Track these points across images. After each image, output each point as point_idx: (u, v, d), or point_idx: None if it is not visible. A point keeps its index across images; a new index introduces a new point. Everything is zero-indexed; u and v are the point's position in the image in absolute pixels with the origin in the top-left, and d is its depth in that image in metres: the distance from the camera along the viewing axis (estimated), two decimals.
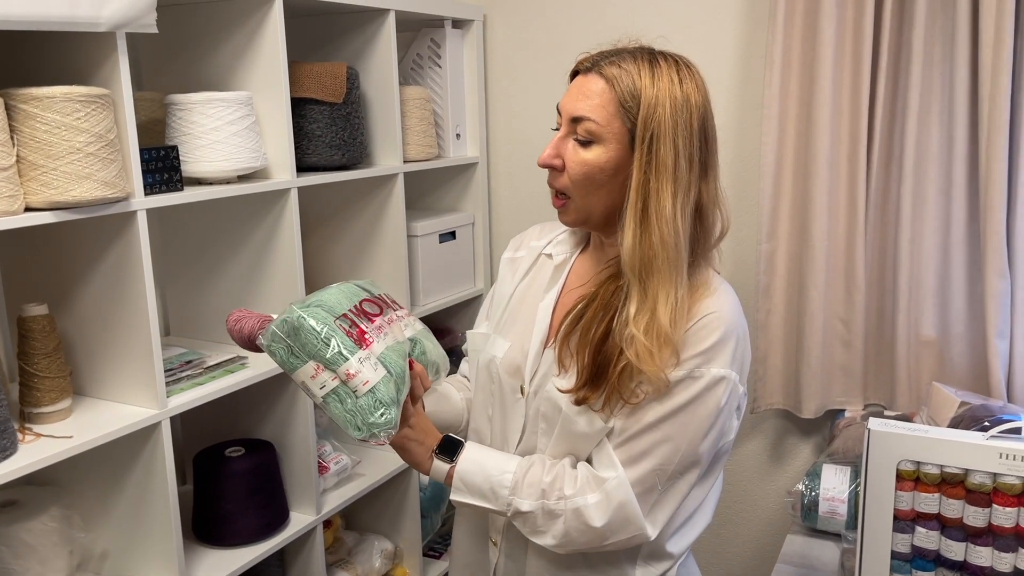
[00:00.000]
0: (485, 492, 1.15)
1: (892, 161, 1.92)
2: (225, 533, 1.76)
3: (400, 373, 1.11)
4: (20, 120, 1.28)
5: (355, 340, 1.08)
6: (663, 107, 1.08)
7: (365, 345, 1.08)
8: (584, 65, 1.15)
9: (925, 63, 1.83)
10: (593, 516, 1.11)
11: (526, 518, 1.15)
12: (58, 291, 1.56)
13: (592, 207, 1.15)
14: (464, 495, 1.17)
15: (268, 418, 1.89)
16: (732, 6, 2.10)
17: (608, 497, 1.11)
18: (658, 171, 1.07)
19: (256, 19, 1.68)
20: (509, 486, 1.14)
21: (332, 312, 1.10)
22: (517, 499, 1.14)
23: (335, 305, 1.11)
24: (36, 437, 1.41)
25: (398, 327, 1.17)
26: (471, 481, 1.16)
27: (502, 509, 1.16)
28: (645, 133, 1.08)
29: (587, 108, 1.11)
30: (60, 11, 1.26)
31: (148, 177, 1.47)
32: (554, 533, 1.14)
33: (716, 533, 2.35)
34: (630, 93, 1.09)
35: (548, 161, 1.14)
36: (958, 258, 1.87)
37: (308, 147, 1.85)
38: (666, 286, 1.08)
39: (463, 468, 1.16)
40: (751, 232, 2.14)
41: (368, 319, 1.13)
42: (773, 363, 2.06)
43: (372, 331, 1.11)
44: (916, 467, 1.45)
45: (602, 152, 1.11)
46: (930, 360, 1.92)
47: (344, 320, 1.10)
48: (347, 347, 1.06)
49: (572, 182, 1.13)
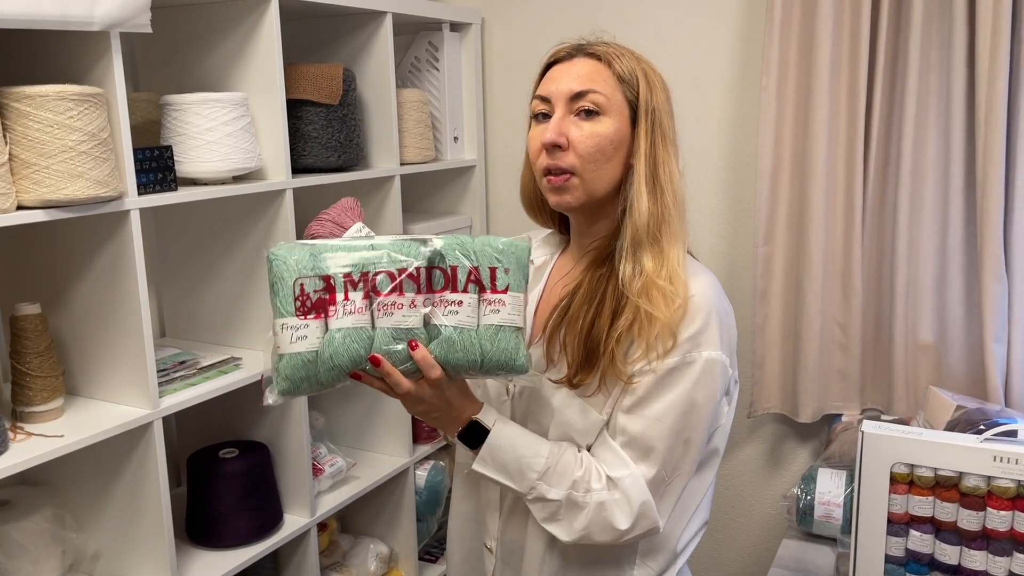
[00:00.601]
0: (511, 471, 1.12)
1: (889, 165, 1.92)
2: (218, 535, 1.76)
3: (352, 355, 1.02)
4: (12, 118, 1.28)
5: (298, 307, 1.01)
6: (655, 84, 1.16)
7: (307, 315, 1.01)
8: (565, 52, 1.18)
9: (922, 67, 1.83)
10: (617, 516, 1.11)
11: (547, 505, 1.13)
12: (51, 290, 1.56)
13: (597, 182, 1.15)
14: (487, 467, 1.13)
15: (262, 419, 1.89)
16: (728, 10, 2.10)
17: (627, 497, 1.11)
18: (664, 140, 1.15)
19: (252, 20, 1.68)
20: (539, 470, 1.12)
21: (305, 268, 1.02)
22: (544, 485, 1.12)
23: (326, 262, 1.03)
24: (27, 436, 1.40)
25: (413, 311, 1.04)
26: (499, 457, 1.12)
27: (523, 490, 1.13)
28: (648, 106, 1.14)
29: (588, 82, 1.13)
30: (53, 10, 1.27)
31: (142, 177, 1.47)
32: (574, 525, 1.12)
33: (712, 537, 2.34)
34: (628, 70, 1.15)
35: (555, 139, 1.12)
36: (955, 262, 1.86)
37: (304, 148, 1.85)
38: (675, 244, 1.14)
39: (494, 442, 1.12)
40: (748, 236, 2.14)
41: (357, 289, 1.03)
42: (770, 367, 2.06)
43: (348, 304, 1.02)
44: (910, 470, 1.44)
45: (610, 123, 1.13)
46: (927, 364, 1.92)
47: (315, 281, 1.02)
48: (282, 309, 1.02)
49: (581, 157, 1.13)
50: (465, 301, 1.05)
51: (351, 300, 1.02)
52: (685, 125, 2.15)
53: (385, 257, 1.03)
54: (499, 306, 1.06)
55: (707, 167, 2.18)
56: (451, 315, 1.05)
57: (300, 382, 1.03)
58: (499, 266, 1.06)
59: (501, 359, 1.06)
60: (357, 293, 1.03)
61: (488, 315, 1.06)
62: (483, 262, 1.06)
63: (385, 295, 1.03)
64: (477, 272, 1.06)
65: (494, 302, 1.06)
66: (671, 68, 2.18)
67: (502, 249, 1.07)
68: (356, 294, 1.03)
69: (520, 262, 1.07)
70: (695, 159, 2.18)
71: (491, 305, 1.06)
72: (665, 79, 1.20)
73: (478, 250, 1.06)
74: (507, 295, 1.06)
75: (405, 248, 1.05)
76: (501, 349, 1.06)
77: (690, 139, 2.18)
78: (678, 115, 2.04)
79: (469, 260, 1.05)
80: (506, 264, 1.06)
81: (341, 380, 1.05)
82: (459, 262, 1.05)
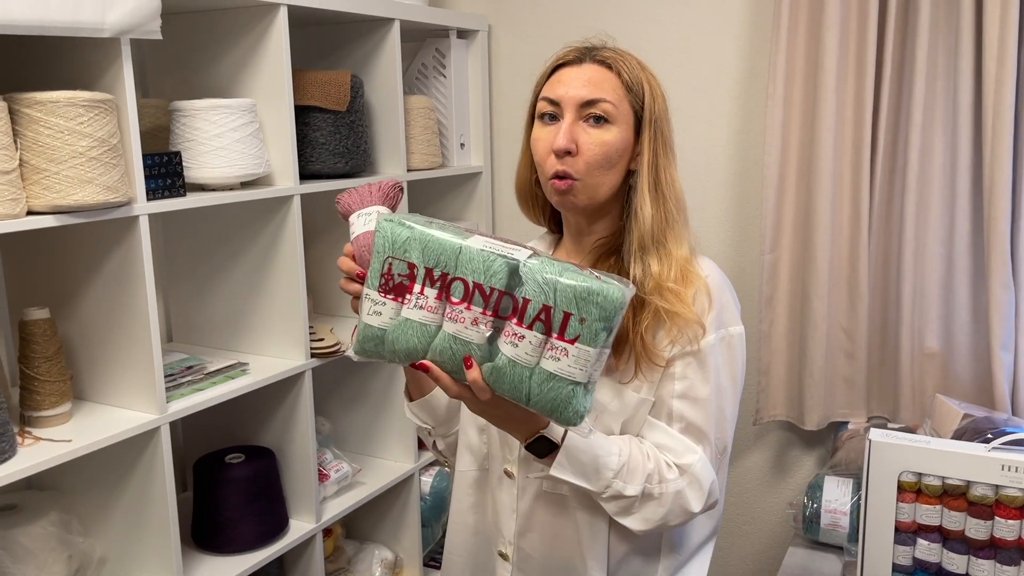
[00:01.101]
0: (588, 472, 1.12)
1: (896, 172, 1.92)
2: (224, 540, 1.76)
3: (409, 347, 1.03)
4: (24, 124, 1.29)
5: (382, 284, 1.03)
6: (657, 93, 1.19)
7: (387, 294, 1.03)
8: (573, 56, 1.19)
9: (929, 74, 1.83)
10: (691, 501, 1.16)
11: (622, 501, 1.14)
12: (60, 295, 1.57)
13: (601, 187, 1.18)
14: (565, 471, 1.12)
15: (268, 425, 1.89)
16: (735, 17, 2.10)
17: (699, 480, 1.16)
18: (665, 147, 1.19)
19: (261, 27, 1.69)
20: (615, 468, 1.12)
21: (399, 249, 1.02)
22: (620, 482, 1.13)
23: (417, 249, 1.02)
24: (35, 441, 1.41)
25: (476, 328, 1.01)
26: (577, 459, 1.12)
27: (598, 489, 1.13)
28: (652, 115, 1.17)
29: (599, 91, 1.15)
30: (64, 17, 1.27)
31: (151, 182, 1.48)
32: (649, 516, 1.15)
33: (717, 544, 2.32)
34: (635, 79, 1.17)
35: (567, 145, 1.14)
36: (962, 269, 1.86)
37: (311, 155, 1.86)
38: (681, 244, 1.19)
39: (571, 444, 1.11)
40: (754, 243, 2.14)
41: (434, 287, 1.01)
42: (776, 374, 2.06)
43: (421, 299, 1.01)
44: (918, 479, 1.44)
45: (616, 132, 1.16)
46: (934, 372, 1.91)
47: (402, 264, 1.02)
48: (371, 280, 1.05)
49: (588, 164, 1.15)
50: (527, 337, 0.99)
51: (425, 295, 1.02)
52: (692, 132, 2.18)
53: (467, 264, 1.00)
54: (560, 355, 0.98)
55: (713, 174, 2.18)
56: (510, 346, 1.00)
57: (369, 352, 1.06)
58: (575, 314, 0.97)
59: (547, 407, 1.01)
60: (432, 290, 1.01)
61: (547, 360, 0.99)
62: (559, 304, 0.97)
63: (455, 303, 1.01)
64: (549, 313, 0.98)
65: (556, 349, 0.98)
66: (678, 75, 2.20)
67: (586, 296, 0.97)
68: (431, 291, 1.02)
69: (604, 314, 0.97)
70: (702, 166, 2.19)
71: (553, 351, 0.98)
72: (666, 87, 1.23)
73: (560, 289, 0.97)
74: (573, 346, 0.97)
75: (489, 262, 0.99)
76: (549, 399, 1.00)
77: (697, 146, 2.18)
78: (686, 122, 2.05)
79: (545, 298, 0.98)
80: (583, 314, 0.97)
81: (403, 363, 1.07)
82: (534, 297, 0.98)
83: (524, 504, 1.25)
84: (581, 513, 1.21)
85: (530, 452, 1.12)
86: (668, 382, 1.17)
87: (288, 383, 1.82)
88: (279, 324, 1.82)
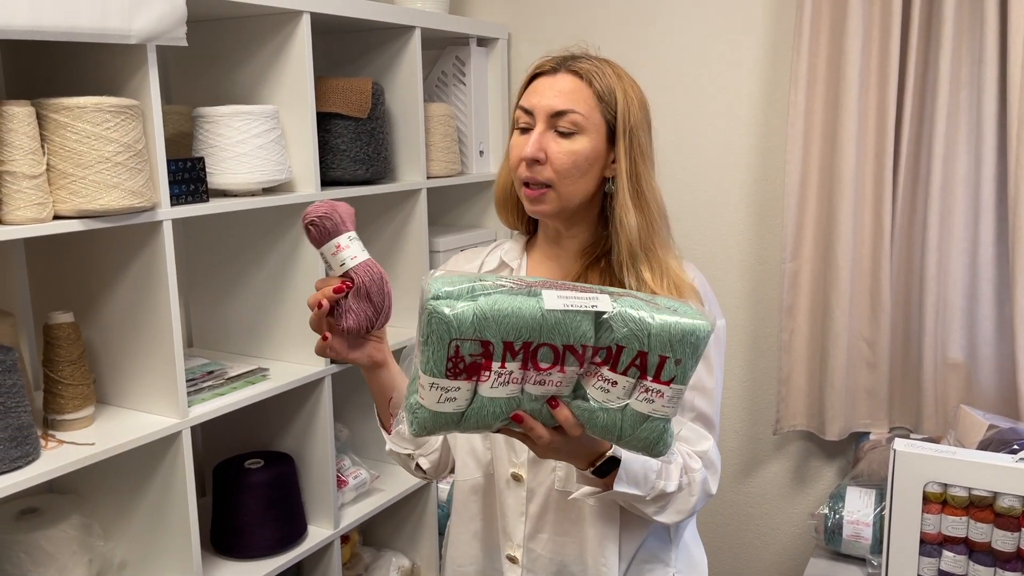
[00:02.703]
0: (639, 479, 1.14)
1: (919, 181, 1.91)
2: (243, 545, 1.76)
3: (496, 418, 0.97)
4: (51, 129, 1.30)
5: (449, 368, 0.93)
6: (633, 102, 1.20)
7: (458, 377, 0.94)
8: (549, 66, 1.22)
9: (952, 83, 1.82)
10: (712, 485, 1.21)
11: (662, 499, 1.17)
12: (84, 299, 1.58)
13: (572, 195, 1.20)
14: (625, 484, 1.13)
15: (288, 430, 1.89)
16: (757, 25, 2.10)
17: (714, 464, 1.22)
18: (643, 157, 1.20)
19: (284, 35, 1.70)
20: (656, 469, 1.15)
21: (466, 330, 0.91)
22: (663, 481, 1.15)
23: (489, 325, 0.91)
24: (59, 444, 1.41)
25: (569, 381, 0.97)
26: (632, 470, 1.13)
27: (644, 493, 1.15)
28: (626, 125, 1.19)
29: (569, 102, 1.17)
30: (91, 23, 1.29)
31: (175, 188, 1.49)
32: (681, 507, 1.18)
33: (736, 556, 2.32)
34: (607, 89, 1.18)
35: (535, 154, 1.17)
36: (986, 279, 1.85)
37: (332, 161, 1.86)
38: (668, 250, 1.23)
39: (627, 457, 1.12)
40: (774, 251, 2.13)
41: (516, 359, 0.93)
42: (796, 384, 2.04)
43: (504, 374, 0.94)
44: (943, 489, 1.42)
45: (586, 142, 1.18)
46: (957, 383, 1.89)
47: (474, 345, 0.91)
48: (432, 366, 0.93)
49: (557, 172, 1.18)
50: (620, 383, 0.95)
51: (507, 369, 0.93)
52: (711, 139, 2.17)
53: (553, 329, 0.92)
54: (656, 396, 0.95)
55: (733, 182, 2.17)
56: (600, 391, 0.96)
57: (436, 431, 0.98)
58: (671, 356, 0.93)
59: (638, 446, 0.99)
60: (515, 363, 0.93)
61: (640, 402, 0.96)
62: (655, 348, 0.93)
63: (544, 368, 0.94)
64: (644, 358, 0.94)
65: (651, 391, 0.95)
66: (698, 83, 2.20)
67: (681, 337, 0.93)
68: (513, 363, 0.93)
69: (696, 352, 0.94)
70: (721, 173, 2.18)
71: (646, 393, 0.95)
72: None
73: (654, 333, 0.93)
74: (669, 388, 0.95)
75: (576, 323, 0.92)
76: (641, 438, 0.97)
77: (716, 153, 2.18)
78: (704, 130, 2.05)
79: (640, 344, 0.93)
80: (679, 355, 0.94)
81: (480, 433, 1.04)
82: (627, 344, 0.93)
83: (535, 506, 1.25)
84: (591, 509, 1.22)
85: (595, 475, 1.12)
86: None
87: (307, 389, 1.82)
88: (299, 330, 1.82)
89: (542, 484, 1.24)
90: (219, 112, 1.62)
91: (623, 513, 1.22)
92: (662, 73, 2.19)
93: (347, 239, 1.07)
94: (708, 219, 2.21)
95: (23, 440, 1.32)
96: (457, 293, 0.92)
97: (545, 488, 1.24)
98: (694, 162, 2.20)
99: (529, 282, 0.95)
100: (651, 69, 2.19)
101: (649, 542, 1.26)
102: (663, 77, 2.19)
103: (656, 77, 2.18)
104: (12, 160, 1.26)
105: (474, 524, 1.33)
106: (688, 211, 2.21)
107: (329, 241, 1.06)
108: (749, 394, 2.23)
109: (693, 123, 2.18)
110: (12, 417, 1.31)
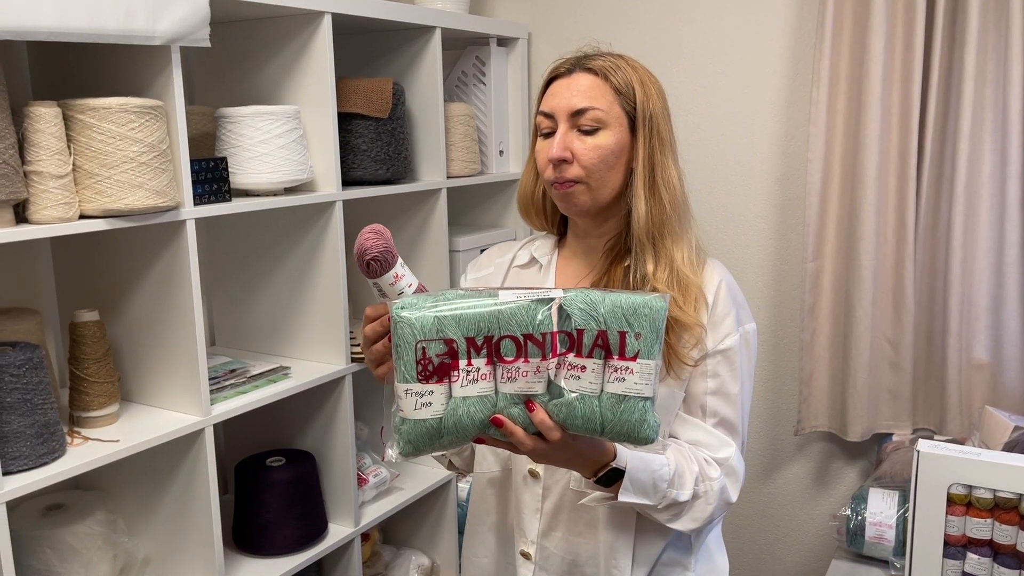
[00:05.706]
0: (648, 489, 1.14)
1: (943, 180, 1.89)
2: (264, 543, 1.77)
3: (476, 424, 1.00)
4: (77, 130, 1.32)
5: (419, 371, 0.97)
6: (651, 92, 1.20)
7: (429, 380, 0.98)
8: (564, 68, 1.23)
9: (977, 80, 1.80)
10: (731, 493, 1.20)
11: (675, 508, 1.16)
12: (109, 298, 1.59)
13: (603, 188, 1.20)
14: (630, 495, 1.14)
15: (309, 429, 1.90)
16: (779, 23, 2.09)
17: (735, 472, 1.20)
18: (662, 146, 1.20)
19: (305, 35, 1.71)
20: (668, 479, 1.15)
21: (429, 331, 0.96)
22: (674, 491, 1.15)
23: (449, 323, 0.97)
24: (84, 440, 1.43)
25: (538, 376, 1.00)
26: (639, 480, 1.13)
27: (655, 502, 1.15)
28: (645, 115, 1.19)
29: (588, 99, 1.18)
30: (117, 25, 1.30)
31: (198, 187, 1.50)
32: (697, 515, 1.18)
33: (758, 558, 2.30)
34: (625, 82, 1.19)
35: (561, 154, 1.18)
36: (1012, 279, 1.82)
37: (354, 161, 1.87)
38: (679, 243, 1.20)
39: (633, 466, 1.13)
40: (796, 251, 2.12)
41: (480, 355, 0.97)
42: (818, 384, 2.03)
43: (472, 372, 0.97)
44: (968, 491, 1.41)
45: (610, 136, 1.18)
46: (982, 384, 1.87)
47: (438, 344, 0.96)
48: (404, 374, 0.98)
49: (586, 168, 1.18)
50: (588, 367, 0.98)
51: (474, 366, 0.97)
52: (733, 137, 2.16)
53: (510, 320, 0.97)
54: (625, 374, 0.98)
55: (755, 181, 2.16)
56: (572, 380, 0.99)
57: (423, 446, 1.00)
58: (629, 331, 0.98)
59: (623, 430, 1.00)
60: (480, 359, 0.97)
61: (612, 383, 0.99)
62: (612, 325, 0.98)
63: (509, 361, 0.97)
64: (605, 337, 0.98)
65: (620, 369, 0.98)
66: (719, 81, 2.19)
67: (634, 311, 0.98)
68: (479, 360, 0.97)
69: (654, 325, 0.98)
70: (743, 172, 2.17)
71: (616, 372, 0.98)
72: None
73: (607, 312, 0.98)
74: (636, 363, 0.98)
75: (530, 311, 0.97)
76: (624, 420, 0.99)
77: (738, 151, 2.16)
78: (726, 127, 2.04)
79: (597, 323, 0.97)
80: (637, 328, 0.98)
81: (464, 443, 1.03)
82: (586, 325, 0.97)
83: (550, 504, 1.26)
84: (605, 512, 1.22)
85: (599, 485, 1.12)
86: (700, 379, 1.20)
87: (329, 387, 1.83)
88: (320, 329, 1.83)
89: (558, 482, 1.24)
90: (242, 112, 1.63)
91: (639, 518, 1.21)
92: (683, 72, 2.18)
93: (401, 267, 1.09)
94: (730, 218, 2.20)
95: (49, 437, 1.34)
96: (420, 303, 0.98)
97: (561, 486, 1.24)
98: (716, 161, 2.19)
99: (491, 289, 1.01)
100: (673, 69, 2.18)
101: (670, 546, 1.26)
102: (684, 76, 2.18)
103: (677, 76, 2.17)
104: (39, 160, 1.28)
105: (490, 517, 1.34)
106: (710, 210, 2.20)
107: (387, 272, 1.07)
108: (770, 394, 2.22)
109: (715, 122, 2.17)
110: (39, 414, 1.33)
